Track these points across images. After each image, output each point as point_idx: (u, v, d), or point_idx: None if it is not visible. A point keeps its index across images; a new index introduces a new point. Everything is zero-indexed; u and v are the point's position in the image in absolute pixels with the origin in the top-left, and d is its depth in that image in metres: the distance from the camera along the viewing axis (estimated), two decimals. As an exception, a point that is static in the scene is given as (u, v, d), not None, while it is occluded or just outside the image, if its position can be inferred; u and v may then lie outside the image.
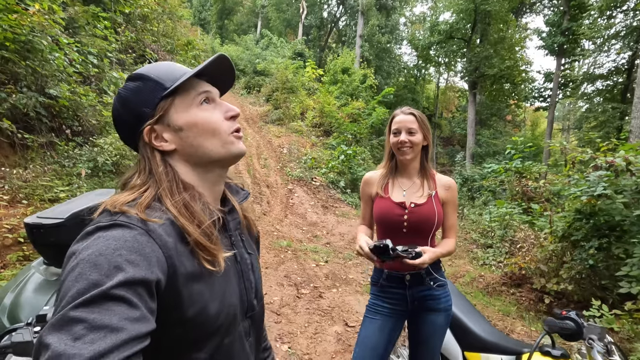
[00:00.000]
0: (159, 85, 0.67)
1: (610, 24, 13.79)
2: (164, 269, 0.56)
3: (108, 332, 0.44)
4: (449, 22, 18.35)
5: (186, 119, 0.67)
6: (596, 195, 3.51)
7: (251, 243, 0.83)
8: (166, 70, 0.69)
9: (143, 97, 0.66)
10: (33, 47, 4.05)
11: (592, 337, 0.96)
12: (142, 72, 0.68)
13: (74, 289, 0.46)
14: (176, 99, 0.67)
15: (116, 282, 0.47)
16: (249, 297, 0.75)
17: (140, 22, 8.91)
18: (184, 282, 0.59)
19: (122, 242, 0.52)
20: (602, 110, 13.52)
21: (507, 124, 24.52)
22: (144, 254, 0.53)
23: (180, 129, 0.67)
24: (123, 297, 0.47)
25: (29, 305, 1.53)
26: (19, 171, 3.59)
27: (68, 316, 0.44)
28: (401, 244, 1.29)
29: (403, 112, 1.50)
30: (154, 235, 0.57)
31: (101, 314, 0.45)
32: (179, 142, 0.68)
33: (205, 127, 0.68)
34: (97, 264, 0.49)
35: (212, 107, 0.71)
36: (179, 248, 0.60)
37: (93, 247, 0.51)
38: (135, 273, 0.50)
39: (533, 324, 3.67)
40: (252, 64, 17.29)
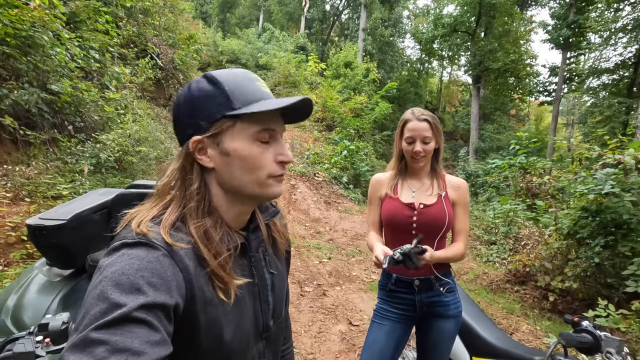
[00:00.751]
0: (228, 102, 0.62)
1: (617, 17, 13.58)
2: (182, 293, 0.56)
3: (129, 355, 0.44)
4: (453, 15, 18.13)
5: (237, 148, 0.63)
6: (603, 193, 3.46)
7: (276, 261, 0.80)
8: (242, 88, 0.64)
9: (207, 107, 0.62)
10: (34, 42, 4.01)
11: (610, 350, 0.94)
12: (219, 79, 0.63)
13: (96, 308, 0.47)
14: (237, 125, 0.63)
15: (137, 305, 0.48)
16: (265, 319, 0.73)
17: (142, 16, 8.84)
18: (201, 307, 0.58)
19: (146, 262, 0.53)
20: (608, 105, 13.37)
21: (511, 119, 24.32)
22: (165, 277, 0.53)
23: (227, 154, 0.63)
24: (144, 320, 0.48)
25: (32, 307, 1.52)
26: (21, 168, 3.58)
27: (90, 337, 0.44)
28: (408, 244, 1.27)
29: (417, 118, 1.41)
30: (177, 258, 0.57)
31: (123, 336, 0.45)
32: (220, 165, 0.64)
33: (250, 164, 0.64)
34: (119, 284, 0.49)
35: (268, 145, 0.66)
36: (198, 272, 0.59)
37: (117, 265, 0.51)
38: (155, 297, 0.50)
39: (538, 322, 3.65)
40: (254, 58, 17.19)
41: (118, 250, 0.54)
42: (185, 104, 0.64)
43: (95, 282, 0.50)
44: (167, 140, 7.28)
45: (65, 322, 0.93)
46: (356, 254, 5.20)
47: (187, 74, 11.23)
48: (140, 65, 7.71)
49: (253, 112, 0.60)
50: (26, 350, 0.84)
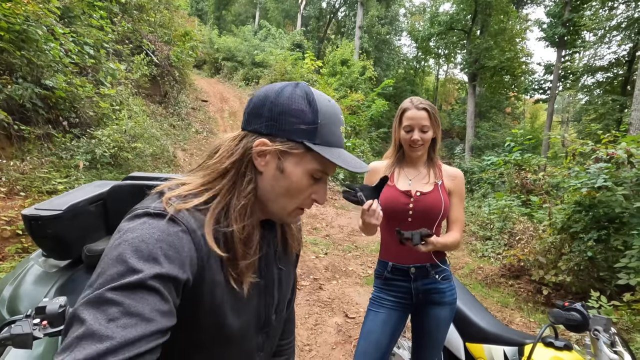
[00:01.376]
0: (313, 133, 0.62)
1: (611, 15, 13.67)
2: (194, 271, 0.57)
3: (140, 320, 0.46)
4: (449, 12, 18.16)
5: (293, 173, 0.64)
6: (596, 187, 3.51)
7: (286, 258, 0.81)
8: (330, 126, 0.65)
9: (293, 124, 0.62)
10: (28, 36, 3.97)
11: (598, 328, 0.96)
12: (317, 107, 0.63)
13: (113, 269, 0.49)
14: (308, 157, 0.64)
15: (152, 273, 0.50)
16: (268, 313, 0.75)
17: (137, 12, 8.78)
18: (208, 289, 0.60)
19: (165, 235, 0.54)
20: (602, 103, 13.48)
21: (507, 117, 24.44)
22: (181, 252, 0.55)
23: (282, 171, 0.64)
24: (157, 289, 0.50)
25: (28, 297, 1.52)
26: (16, 163, 3.56)
27: (105, 296, 0.46)
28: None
29: (416, 106, 1.42)
30: (194, 235, 0.58)
31: (136, 301, 0.47)
32: (269, 176, 0.65)
33: (292, 192, 0.66)
34: (138, 250, 0.51)
35: (313, 183, 0.68)
36: (212, 257, 0.61)
37: (137, 232, 0.53)
38: (170, 269, 0.52)
39: (531, 315, 3.70)
40: (251, 55, 17.12)
41: (140, 218, 0.56)
42: (275, 105, 0.63)
43: (115, 244, 0.52)
44: (162, 137, 7.25)
45: (63, 305, 0.93)
46: (352, 249, 5.22)
47: (183, 71, 11.17)
48: (135, 61, 7.66)
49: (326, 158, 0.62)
50: (24, 332, 0.84)
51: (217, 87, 15.66)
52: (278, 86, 0.65)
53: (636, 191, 3.40)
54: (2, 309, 1.50)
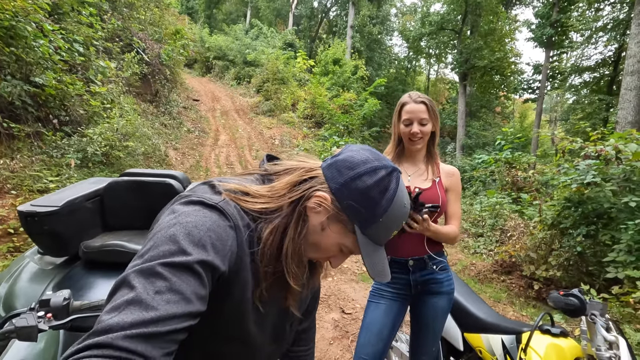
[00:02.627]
0: (368, 222, 0.65)
1: (598, 17, 13.97)
2: (231, 264, 0.61)
3: (181, 299, 0.50)
4: (439, 13, 18.31)
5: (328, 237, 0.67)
6: (585, 183, 3.58)
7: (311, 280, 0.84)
8: (386, 228, 0.67)
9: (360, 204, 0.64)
10: (16, 33, 3.91)
11: (595, 312, 0.99)
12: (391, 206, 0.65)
13: (165, 246, 0.53)
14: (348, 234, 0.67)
15: (199, 258, 0.54)
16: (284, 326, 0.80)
17: (127, 10, 8.67)
18: (239, 285, 0.64)
19: (216, 226, 0.59)
20: (589, 102, 13.77)
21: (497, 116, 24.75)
22: (226, 245, 0.59)
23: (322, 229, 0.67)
24: (199, 274, 0.54)
25: (24, 295, 1.50)
26: (5, 161, 3.49)
27: (155, 269, 0.51)
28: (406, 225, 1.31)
29: (414, 100, 1.45)
30: (239, 233, 0.62)
31: (181, 280, 0.51)
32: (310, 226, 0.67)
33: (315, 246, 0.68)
34: (190, 234, 0.55)
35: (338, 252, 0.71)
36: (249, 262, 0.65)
37: (192, 217, 0.58)
38: (213, 258, 0.56)
39: (523, 309, 3.76)
40: (242, 54, 17.04)
41: (195, 205, 0.60)
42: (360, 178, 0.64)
43: (169, 223, 0.57)
44: (154, 136, 7.18)
45: (67, 298, 0.93)
46: (347, 247, 5.25)
47: (174, 69, 11.07)
48: (126, 59, 7.57)
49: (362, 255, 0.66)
50: (28, 324, 0.84)
51: (208, 86, 15.55)
52: (376, 164, 0.66)
53: (624, 187, 3.49)
54: (-2, 306, 1.48)
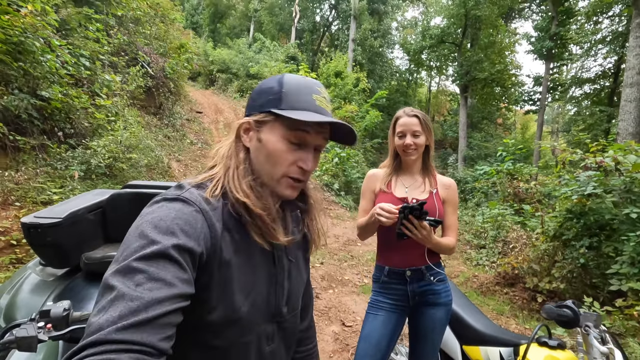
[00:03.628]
0: (278, 101, 0.70)
1: (596, 30, 14.12)
2: (207, 246, 0.63)
3: (163, 284, 0.52)
4: (440, 26, 18.58)
5: (268, 140, 0.71)
6: (586, 194, 3.58)
7: (296, 252, 0.85)
8: (297, 95, 0.71)
9: (263, 99, 0.72)
10: (25, 48, 4.00)
11: (589, 324, 0.99)
12: (284, 81, 0.72)
13: (136, 243, 0.55)
14: (277, 122, 0.70)
15: (171, 244, 0.55)
16: (278, 302, 0.77)
17: (133, 25, 8.87)
18: (218, 265, 0.65)
19: (181, 213, 0.61)
20: (590, 114, 13.80)
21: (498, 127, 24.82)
22: (196, 228, 0.61)
23: (260, 141, 0.72)
24: (176, 259, 0.55)
25: (25, 306, 1.51)
26: (10, 173, 3.54)
27: (131, 266, 0.52)
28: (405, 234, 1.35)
29: (407, 114, 1.51)
30: (206, 215, 0.64)
31: (158, 268, 0.53)
32: (253, 148, 0.73)
33: (272, 158, 0.71)
34: (157, 226, 0.57)
35: (297, 149, 0.72)
36: (224, 234, 0.66)
37: (156, 213, 0.60)
38: (186, 242, 0.58)
39: (526, 322, 3.72)
40: (245, 67, 17.29)
41: (158, 203, 0.63)
42: (255, 91, 0.75)
43: (136, 225, 0.59)
44: (157, 148, 7.25)
45: (67, 309, 0.94)
46: (348, 259, 5.23)
47: (178, 82, 11.24)
48: (130, 73, 7.71)
49: (288, 117, 0.67)
50: (29, 335, 0.85)
51: (211, 99, 15.73)
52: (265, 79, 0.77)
53: (625, 198, 3.48)
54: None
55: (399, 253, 1.47)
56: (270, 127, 0.71)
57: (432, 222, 1.33)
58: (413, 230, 1.32)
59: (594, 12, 13.33)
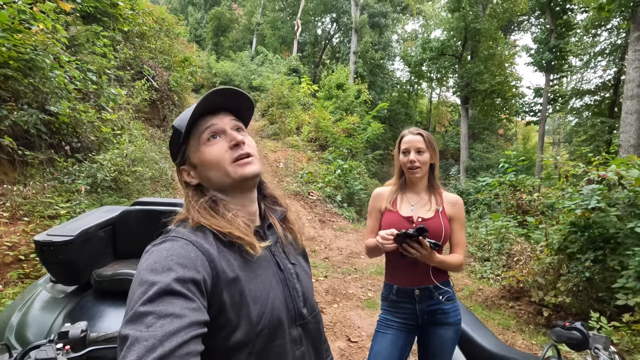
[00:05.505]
0: (179, 133, 0.79)
1: (595, 42, 14.28)
2: (208, 271, 0.65)
3: (174, 318, 0.53)
4: (440, 39, 18.82)
5: (198, 157, 0.78)
6: (590, 208, 3.58)
7: (296, 255, 0.90)
8: (183, 117, 0.79)
9: (173, 146, 0.82)
10: (35, 65, 4.09)
11: (598, 346, 1.00)
12: (173, 124, 0.81)
13: (138, 291, 0.56)
14: (190, 142, 0.79)
15: (171, 279, 0.57)
16: (296, 304, 0.80)
17: (139, 40, 9.03)
18: (227, 285, 0.67)
19: (172, 251, 0.63)
20: (591, 125, 13.84)
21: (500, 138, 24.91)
22: (190, 258, 0.63)
23: (196, 166, 0.79)
24: (180, 292, 0.57)
25: (36, 324, 1.52)
26: (19, 188, 3.58)
27: (138, 311, 0.53)
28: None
29: (411, 132, 1.57)
30: (197, 244, 0.67)
31: (165, 305, 0.54)
32: (199, 177, 0.79)
33: (210, 162, 0.77)
34: (153, 269, 0.59)
35: (219, 140, 0.78)
36: (220, 256, 0.69)
37: (150, 259, 0.62)
38: (184, 273, 0.59)
39: (533, 337, 3.68)
40: (248, 79, 17.50)
41: (149, 251, 0.66)
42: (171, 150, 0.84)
43: (135, 276, 0.60)
44: (161, 161, 7.31)
45: (84, 330, 0.96)
46: (352, 272, 5.21)
47: (182, 95, 11.38)
48: (136, 87, 7.82)
49: (192, 123, 0.77)
50: (48, 357, 0.87)
51: (215, 111, 15.85)
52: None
53: (629, 212, 3.48)
54: (11, 335, 1.50)
55: (407, 272, 1.48)
56: (190, 150, 0.79)
57: (432, 244, 1.35)
58: (411, 251, 1.36)
59: (592, 25, 13.50)
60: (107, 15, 7.11)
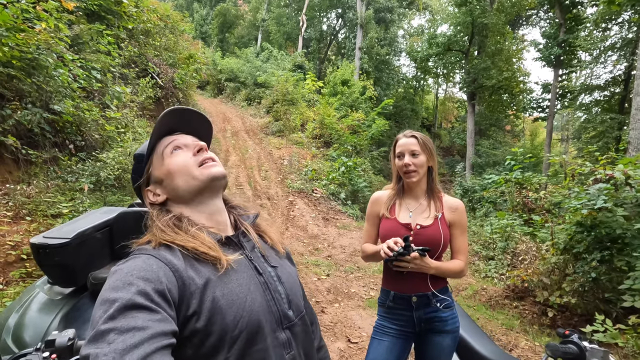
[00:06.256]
0: (141, 156, 0.83)
1: (605, 36, 14.00)
2: (173, 281, 0.64)
3: (136, 331, 0.52)
4: (446, 34, 18.60)
5: (163, 170, 0.80)
6: (597, 208, 3.52)
7: (278, 259, 0.88)
8: (144, 147, 0.84)
9: (135, 173, 0.86)
10: (38, 64, 4.11)
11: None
12: (134, 153, 0.86)
13: (99, 311, 0.55)
14: (153, 160, 0.82)
15: (132, 293, 0.56)
16: (280, 307, 0.78)
17: (143, 37, 9.05)
18: (194, 292, 0.66)
19: (133, 266, 0.63)
20: (601, 121, 13.61)
21: (507, 134, 24.62)
22: (152, 270, 0.63)
23: (162, 181, 0.80)
24: (142, 305, 0.56)
25: (33, 326, 1.53)
26: (22, 187, 3.61)
27: (99, 330, 0.52)
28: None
29: (405, 135, 1.53)
30: (160, 256, 0.67)
31: (127, 320, 0.53)
32: (166, 191, 0.80)
33: (176, 169, 0.79)
34: (114, 287, 0.58)
35: (183, 151, 0.81)
36: (187, 266, 0.68)
37: (111, 279, 0.61)
38: (145, 285, 0.59)
39: (537, 338, 3.64)
40: (253, 76, 17.48)
41: (113, 272, 0.64)
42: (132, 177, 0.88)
43: (98, 298, 0.59)
44: (166, 158, 7.33)
45: (72, 338, 0.95)
46: (355, 270, 5.19)
47: (187, 92, 11.41)
48: (140, 84, 7.85)
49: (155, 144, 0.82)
50: (34, 366, 0.86)
51: (219, 107, 15.92)
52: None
53: (636, 212, 3.41)
54: (7, 338, 1.50)
55: (404, 278, 1.46)
56: (153, 168, 0.81)
57: (420, 251, 1.35)
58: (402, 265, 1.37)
59: (603, 19, 13.23)
60: (112, 13, 7.13)
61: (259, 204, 7.65)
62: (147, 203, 0.83)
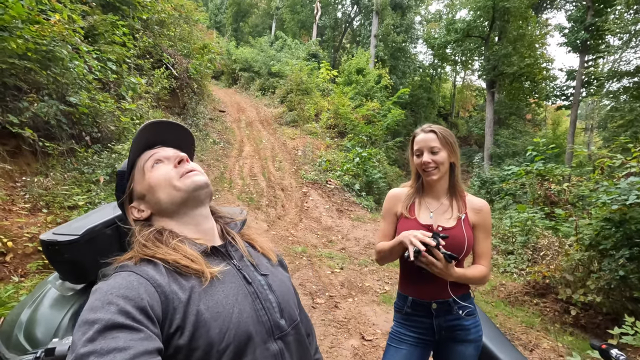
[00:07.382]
0: (124, 173, 0.82)
1: (637, 19, 13.21)
2: (154, 297, 0.62)
3: (117, 352, 0.50)
4: (465, 20, 17.98)
5: (144, 184, 0.78)
6: (628, 204, 3.33)
7: (269, 266, 0.86)
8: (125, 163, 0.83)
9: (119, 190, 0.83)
10: (54, 56, 4.12)
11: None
12: (117, 170, 0.84)
13: (78, 333, 0.53)
14: (134, 175, 0.81)
15: (111, 313, 0.54)
16: (271, 317, 0.75)
17: (158, 28, 9.03)
18: (178, 307, 0.64)
19: (113, 285, 0.61)
20: (630, 109, 12.96)
21: (527, 124, 23.86)
22: (133, 287, 0.61)
23: (144, 196, 0.79)
24: (123, 324, 0.54)
25: (44, 323, 1.52)
26: (40, 179, 3.66)
27: (79, 354, 0.50)
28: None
29: (423, 130, 1.41)
30: (141, 272, 0.65)
31: (107, 341, 0.51)
32: (149, 206, 0.79)
33: (158, 182, 0.77)
34: (93, 308, 0.56)
35: (164, 164, 0.80)
36: (170, 281, 0.66)
37: (91, 299, 0.59)
38: (126, 304, 0.57)
39: (559, 338, 3.51)
40: (267, 65, 17.36)
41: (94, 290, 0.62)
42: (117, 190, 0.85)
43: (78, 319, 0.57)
44: (181, 149, 7.38)
45: (72, 346, 0.92)
46: (369, 263, 5.12)
47: (201, 82, 11.41)
48: (155, 75, 7.86)
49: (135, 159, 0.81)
50: (33, 376, 0.83)
51: (234, 97, 15.93)
52: None
53: (672, 208, 3.21)
54: (20, 333, 1.50)
55: (423, 283, 1.36)
56: (138, 182, 0.79)
57: (447, 256, 1.23)
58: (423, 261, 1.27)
59: (635, 0, 12.46)
60: (126, 3, 7.11)
61: (272, 195, 7.63)
62: (130, 220, 0.80)
